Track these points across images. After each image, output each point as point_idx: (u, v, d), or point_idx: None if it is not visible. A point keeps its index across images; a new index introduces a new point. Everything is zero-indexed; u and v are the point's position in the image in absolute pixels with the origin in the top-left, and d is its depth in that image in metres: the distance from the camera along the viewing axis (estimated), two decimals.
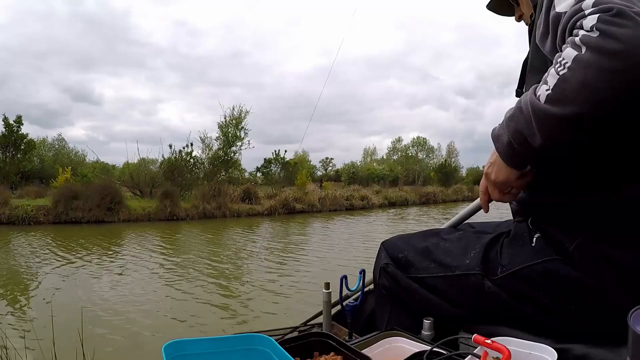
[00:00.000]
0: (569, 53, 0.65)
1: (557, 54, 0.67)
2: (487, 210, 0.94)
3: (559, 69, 0.66)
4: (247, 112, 20.09)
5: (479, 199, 0.96)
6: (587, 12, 0.65)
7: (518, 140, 0.73)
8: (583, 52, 0.63)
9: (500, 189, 0.84)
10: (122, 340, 3.70)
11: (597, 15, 0.63)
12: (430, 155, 46.59)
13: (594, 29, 0.62)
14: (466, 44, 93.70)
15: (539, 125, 0.68)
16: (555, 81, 0.66)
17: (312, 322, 1.36)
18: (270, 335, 0.75)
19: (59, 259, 7.40)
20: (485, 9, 1.12)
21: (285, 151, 23.77)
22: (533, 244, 0.84)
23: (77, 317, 2.55)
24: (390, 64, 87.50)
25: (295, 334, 1.14)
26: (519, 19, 1.02)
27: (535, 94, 0.69)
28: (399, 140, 48.24)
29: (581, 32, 0.64)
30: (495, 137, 0.78)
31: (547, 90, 0.67)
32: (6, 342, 2.22)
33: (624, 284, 0.74)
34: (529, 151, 0.73)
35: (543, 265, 0.80)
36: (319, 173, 43.57)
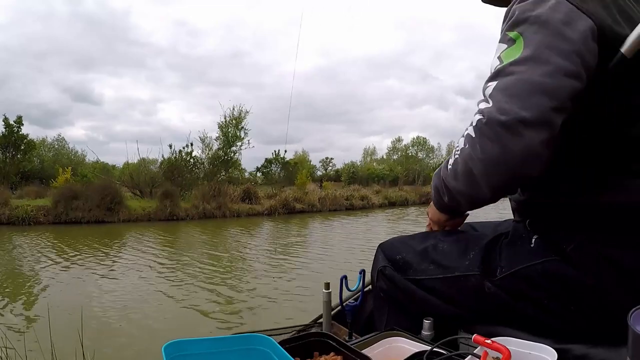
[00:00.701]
0: (460, 142, 0.75)
1: (459, 138, 0.77)
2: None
3: (455, 152, 0.76)
4: (247, 112, 20.13)
5: None
6: (479, 106, 0.71)
7: (436, 195, 0.88)
8: (465, 147, 0.73)
9: (437, 224, 1.01)
10: (122, 340, 3.70)
11: (478, 117, 0.70)
12: (430, 155, 46.66)
13: (473, 130, 0.70)
14: (466, 44, 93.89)
15: (446, 189, 0.81)
16: (452, 160, 0.77)
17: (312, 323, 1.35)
18: (270, 335, 0.75)
19: (58, 260, 7.40)
20: (482, 2, 1.06)
21: (285, 151, 23.80)
22: (532, 245, 0.84)
23: (76, 317, 2.54)
24: (390, 64, 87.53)
25: (295, 334, 1.14)
26: None
27: (448, 162, 0.79)
28: (399, 140, 48.31)
29: (469, 128, 0.72)
30: (431, 185, 0.92)
31: (449, 164, 0.78)
32: (6, 342, 2.22)
33: (624, 284, 0.74)
34: (447, 205, 0.84)
35: (542, 265, 0.80)
36: (319, 173, 43.58)
